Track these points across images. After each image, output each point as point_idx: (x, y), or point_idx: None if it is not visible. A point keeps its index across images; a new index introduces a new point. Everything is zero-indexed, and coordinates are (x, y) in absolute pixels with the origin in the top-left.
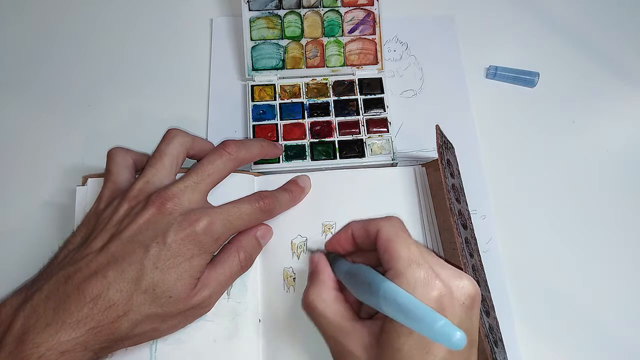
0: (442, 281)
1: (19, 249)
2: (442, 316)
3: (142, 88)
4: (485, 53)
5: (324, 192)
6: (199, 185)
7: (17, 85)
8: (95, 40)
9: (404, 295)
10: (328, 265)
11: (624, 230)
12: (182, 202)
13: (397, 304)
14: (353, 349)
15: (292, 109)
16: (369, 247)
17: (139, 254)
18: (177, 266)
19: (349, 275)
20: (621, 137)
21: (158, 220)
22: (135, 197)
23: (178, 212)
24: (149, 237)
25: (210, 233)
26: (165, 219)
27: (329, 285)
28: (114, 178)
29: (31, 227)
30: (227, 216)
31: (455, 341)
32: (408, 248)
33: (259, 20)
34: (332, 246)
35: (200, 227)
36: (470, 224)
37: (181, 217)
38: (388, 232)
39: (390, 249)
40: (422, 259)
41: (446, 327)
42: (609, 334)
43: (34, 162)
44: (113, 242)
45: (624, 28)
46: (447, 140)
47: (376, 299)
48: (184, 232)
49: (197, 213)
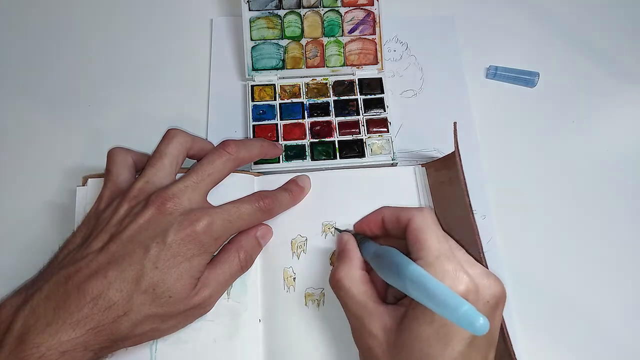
0: (469, 277)
1: (19, 249)
2: (466, 301)
3: (142, 88)
4: (485, 53)
5: (323, 192)
6: (199, 185)
7: (17, 86)
8: (95, 41)
9: (431, 278)
10: (357, 246)
11: (624, 230)
12: (182, 202)
13: (423, 287)
14: (374, 329)
15: (292, 109)
16: (397, 234)
17: (139, 254)
18: (177, 266)
19: (377, 257)
20: (621, 137)
21: (158, 220)
22: (135, 197)
23: (178, 212)
24: (149, 237)
25: (210, 233)
26: (165, 219)
27: (357, 265)
28: (114, 178)
29: (31, 227)
30: (227, 216)
31: (479, 326)
32: (438, 240)
33: (259, 20)
34: (361, 228)
35: (200, 227)
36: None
37: (181, 217)
38: (420, 222)
39: (421, 239)
40: (452, 254)
41: (470, 311)
42: (610, 334)
43: (34, 162)
44: (113, 242)
45: (624, 28)
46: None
47: (402, 281)
48: (184, 232)
49: (197, 213)
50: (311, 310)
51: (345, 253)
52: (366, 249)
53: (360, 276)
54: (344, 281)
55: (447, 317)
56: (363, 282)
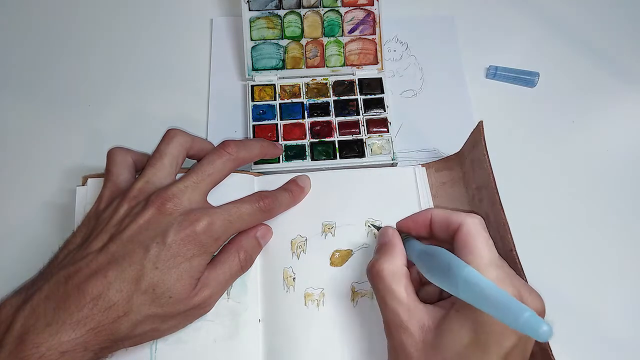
0: (515, 289)
1: (19, 249)
2: (528, 307)
3: (142, 88)
4: (485, 53)
5: (324, 192)
6: (199, 185)
7: (17, 86)
8: (96, 41)
9: (490, 282)
10: (401, 241)
11: (623, 230)
12: (182, 202)
13: (481, 290)
14: (410, 325)
15: (292, 109)
16: (443, 236)
17: (139, 254)
18: (177, 266)
19: (424, 255)
20: (621, 137)
21: (158, 221)
22: (135, 197)
23: (178, 212)
24: (148, 238)
25: (210, 233)
26: (165, 219)
27: (400, 259)
28: (114, 178)
29: (31, 227)
30: (227, 216)
31: (542, 333)
32: (489, 248)
33: (259, 20)
34: (406, 226)
35: (200, 227)
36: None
37: (181, 217)
38: (471, 227)
39: (471, 244)
40: (501, 263)
41: (533, 318)
42: (611, 334)
43: (34, 162)
44: (113, 242)
45: (624, 28)
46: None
47: (454, 282)
48: (184, 232)
49: (197, 213)
50: (311, 310)
51: (389, 246)
52: (411, 247)
53: (403, 271)
54: (385, 273)
55: (508, 322)
56: (404, 277)
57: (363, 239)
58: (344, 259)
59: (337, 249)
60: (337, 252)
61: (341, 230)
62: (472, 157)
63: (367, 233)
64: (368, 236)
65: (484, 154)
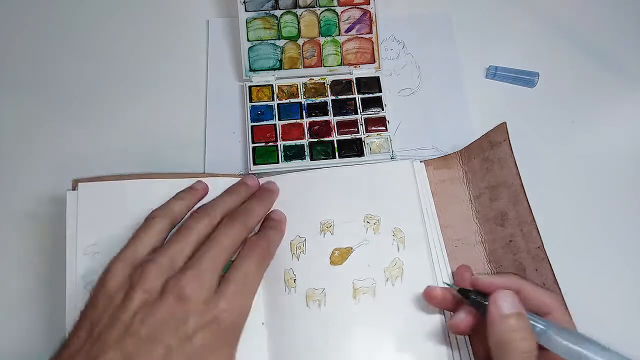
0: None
1: (10, 252)
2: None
3: (139, 90)
4: (485, 53)
5: (320, 190)
6: (215, 268)
7: (15, 88)
8: (93, 42)
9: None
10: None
11: (623, 230)
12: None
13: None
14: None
15: (291, 109)
16: (531, 309)
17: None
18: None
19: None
20: (621, 137)
21: (176, 313)
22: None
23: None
24: (168, 334)
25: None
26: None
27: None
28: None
29: (21, 231)
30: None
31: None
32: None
33: (255, 21)
34: (488, 286)
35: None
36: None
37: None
38: (563, 317)
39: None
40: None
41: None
42: (612, 334)
43: (28, 163)
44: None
45: (624, 28)
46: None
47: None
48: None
49: (215, 299)
50: (313, 310)
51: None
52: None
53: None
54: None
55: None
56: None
57: (362, 235)
58: (344, 257)
59: (337, 247)
60: (336, 251)
61: (340, 228)
62: (486, 157)
63: (366, 229)
64: (367, 232)
65: (509, 153)
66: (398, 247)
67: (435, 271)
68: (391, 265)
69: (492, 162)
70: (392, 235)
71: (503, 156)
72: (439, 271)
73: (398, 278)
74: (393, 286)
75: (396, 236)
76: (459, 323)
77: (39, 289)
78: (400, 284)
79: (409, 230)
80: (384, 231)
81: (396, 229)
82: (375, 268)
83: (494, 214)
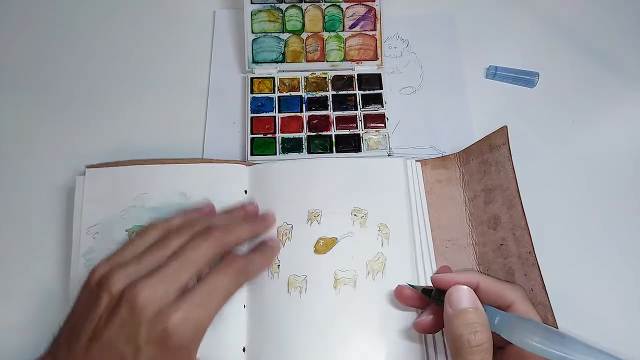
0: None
1: (9, 252)
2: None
3: (142, 80)
4: (485, 53)
5: (311, 179)
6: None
7: (15, 88)
8: (97, 33)
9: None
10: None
11: (623, 230)
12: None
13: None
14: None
15: (291, 102)
16: (489, 303)
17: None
18: None
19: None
20: (621, 137)
21: (128, 321)
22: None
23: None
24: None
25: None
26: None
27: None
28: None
29: (22, 230)
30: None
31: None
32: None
33: (260, 14)
34: (444, 283)
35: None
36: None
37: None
38: (525, 308)
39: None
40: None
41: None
42: (612, 334)
43: (27, 164)
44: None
45: (624, 28)
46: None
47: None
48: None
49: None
50: (293, 297)
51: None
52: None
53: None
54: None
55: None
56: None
57: (348, 227)
58: (328, 247)
59: (322, 237)
60: (321, 240)
61: (327, 218)
62: (484, 159)
63: (353, 222)
64: (354, 225)
65: (507, 157)
66: (382, 242)
67: (417, 269)
68: (374, 259)
69: (490, 165)
70: (378, 230)
71: (501, 159)
72: (422, 269)
73: (379, 272)
74: (374, 280)
75: (381, 231)
76: (423, 322)
77: (39, 288)
78: (381, 278)
79: (395, 227)
80: (370, 225)
81: (382, 224)
82: (358, 260)
83: (488, 217)
